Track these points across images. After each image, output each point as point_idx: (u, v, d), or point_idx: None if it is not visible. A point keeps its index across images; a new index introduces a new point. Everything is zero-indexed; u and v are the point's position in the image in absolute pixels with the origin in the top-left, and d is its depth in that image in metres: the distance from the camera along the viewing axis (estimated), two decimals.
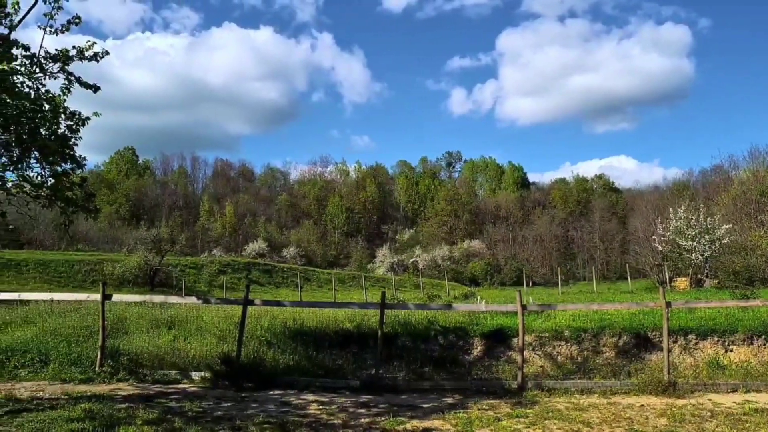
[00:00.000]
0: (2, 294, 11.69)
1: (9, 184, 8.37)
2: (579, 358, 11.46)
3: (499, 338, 12.06)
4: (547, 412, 8.29)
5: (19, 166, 8.61)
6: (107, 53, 9.16)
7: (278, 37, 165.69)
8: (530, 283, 57.99)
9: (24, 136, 8.12)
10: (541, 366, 11.45)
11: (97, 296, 11.02)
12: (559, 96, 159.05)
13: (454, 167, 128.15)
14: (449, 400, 9.28)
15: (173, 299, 13.81)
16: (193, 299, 13.92)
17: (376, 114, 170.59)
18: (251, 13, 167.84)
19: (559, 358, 11.60)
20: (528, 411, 8.37)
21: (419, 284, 50.30)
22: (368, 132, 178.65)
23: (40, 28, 8.60)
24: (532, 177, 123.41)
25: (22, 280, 35.34)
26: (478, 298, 27.83)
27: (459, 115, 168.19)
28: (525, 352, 10.72)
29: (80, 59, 8.87)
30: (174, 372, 10.65)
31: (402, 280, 57.30)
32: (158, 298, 13.18)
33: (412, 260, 77.93)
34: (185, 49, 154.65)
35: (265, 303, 12.99)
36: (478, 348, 12.09)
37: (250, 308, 11.33)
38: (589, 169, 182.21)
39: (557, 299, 25.65)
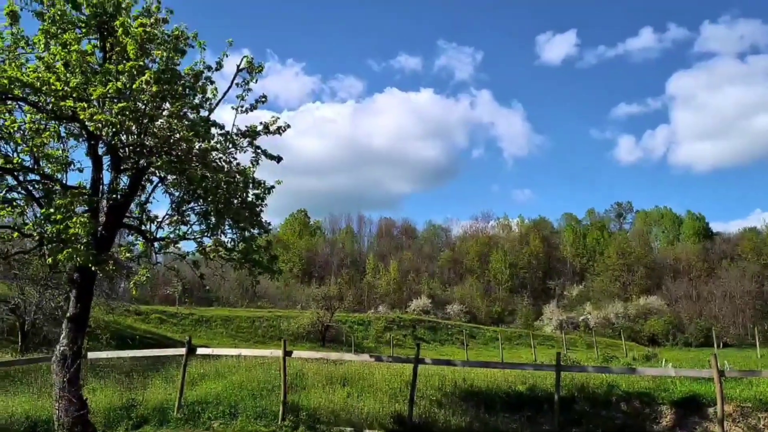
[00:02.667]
0: (199, 349, 12.84)
1: (207, 249, 9.29)
2: None
3: (691, 407, 10.88)
4: None
5: (215, 232, 9.53)
6: (288, 126, 9.95)
7: (437, 98, 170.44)
8: (720, 344, 52.21)
9: (220, 206, 9.02)
10: None
11: (279, 352, 11.70)
12: (743, 137, 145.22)
13: (624, 218, 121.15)
14: None
15: (347, 356, 14.30)
16: (365, 356, 14.31)
17: (537, 167, 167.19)
18: (411, 77, 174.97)
19: (766, 431, 10.17)
20: None
21: (592, 343, 47.34)
22: (530, 185, 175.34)
23: (233, 109, 9.60)
24: (715, 227, 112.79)
25: (211, 334, 38.82)
26: (663, 360, 25.55)
27: (627, 164, 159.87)
28: (725, 424, 9.55)
29: (266, 133, 9.74)
30: (349, 429, 10.86)
31: (572, 339, 54.47)
32: (334, 356, 13.74)
33: (582, 317, 74.02)
34: (351, 115, 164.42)
35: (436, 362, 12.96)
36: (668, 417, 10.99)
37: (419, 367, 11.34)
38: None
39: (755, 363, 22.80)
